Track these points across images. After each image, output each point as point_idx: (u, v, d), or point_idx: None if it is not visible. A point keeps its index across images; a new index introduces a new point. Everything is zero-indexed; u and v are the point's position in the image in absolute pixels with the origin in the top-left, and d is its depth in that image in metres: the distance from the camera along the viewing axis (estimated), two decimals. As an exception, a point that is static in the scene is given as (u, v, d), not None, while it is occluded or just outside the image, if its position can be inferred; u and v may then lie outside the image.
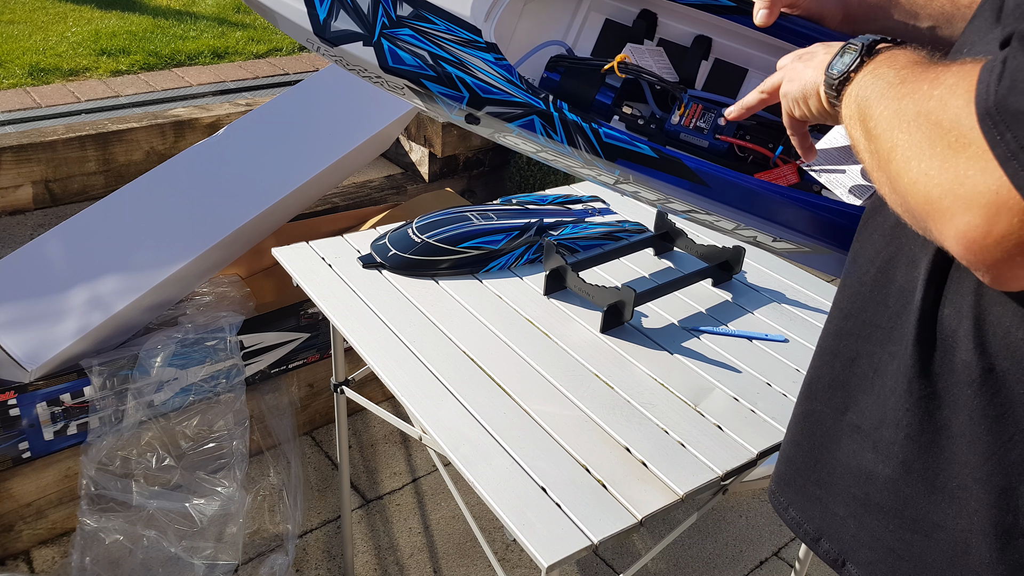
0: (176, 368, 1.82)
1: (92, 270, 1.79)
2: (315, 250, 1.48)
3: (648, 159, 0.98)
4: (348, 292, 1.36)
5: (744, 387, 1.21)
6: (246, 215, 1.93)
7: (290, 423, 2.09)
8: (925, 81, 0.57)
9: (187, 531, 1.76)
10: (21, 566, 1.82)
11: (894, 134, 0.58)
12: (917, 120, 0.55)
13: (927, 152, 0.54)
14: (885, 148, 0.59)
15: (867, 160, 0.64)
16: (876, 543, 0.70)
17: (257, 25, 4.67)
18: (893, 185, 0.58)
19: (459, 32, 1.01)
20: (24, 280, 1.76)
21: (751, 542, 2.05)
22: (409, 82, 0.98)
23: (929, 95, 0.55)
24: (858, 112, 0.65)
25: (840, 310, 0.74)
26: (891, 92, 0.60)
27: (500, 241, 1.47)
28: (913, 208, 0.56)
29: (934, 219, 0.54)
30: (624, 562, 1.95)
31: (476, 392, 1.15)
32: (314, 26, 0.97)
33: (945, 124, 0.53)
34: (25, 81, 3.59)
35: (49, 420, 1.74)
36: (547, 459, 1.04)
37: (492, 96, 0.98)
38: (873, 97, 0.63)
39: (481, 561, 1.93)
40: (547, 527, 0.94)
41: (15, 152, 2.48)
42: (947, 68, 0.56)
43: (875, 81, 0.65)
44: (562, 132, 0.98)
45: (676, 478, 1.02)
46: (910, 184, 0.56)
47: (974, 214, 0.51)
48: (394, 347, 1.23)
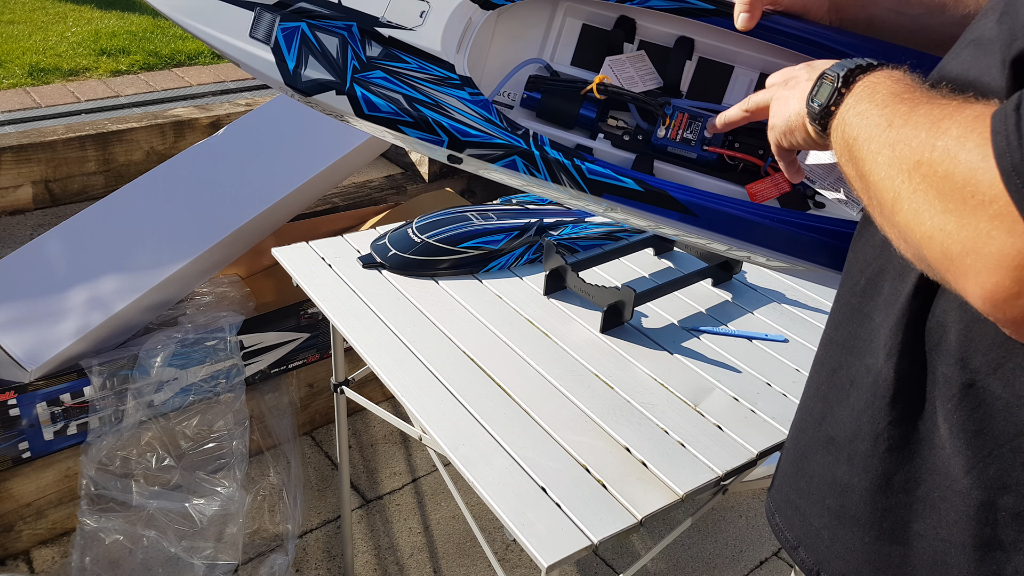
0: (176, 368, 1.82)
1: (92, 270, 1.79)
2: (315, 250, 1.48)
3: (634, 193, 0.97)
4: (348, 292, 1.36)
5: (744, 387, 1.21)
6: (246, 215, 1.93)
7: (290, 423, 2.09)
8: (921, 127, 0.53)
9: (187, 531, 1.76)
10: (21, 566, 1.82)
11: (895, 183, 0.54)
12: (920, 171, 0.52)
13: (939, 207, 0.50)
14: (887, 197, 0.56)
15: (866, 201, 0.61)
16: (851, 555, 0.70)
17: (257, 25, 4.67)
18: (903, 235, 0.55)
19: (431, 69, 0.99)
20: (24, 280, 1.76)
21: (751, 542, 2.05)
22: (387, 128, 0.96)
23: (931, 145, 0.51)
24: (848, 151, 0.62)
25: (832, 319, 0.73)
26: (881, 136, 0.57)
27: (500, 241, 1.47)
28: (930, 261, 0.53)
29: (955, 275, 0.51)
30: (624, 562, 1.95)
31: (476, 392, 1.15)
32: (284, 77, 0.95)
33: (958, 179, 0.49)
34: (25, 81, 3.59)
35: (49, 420, 1.74)
36: (547, 459, 1.04)
37: (472, 139, 0.96)
38: (862, 138, 0.59)
39: (481, 561, 1.93)
40: (547, 527, 0.94)
41: (15, 152, 2.48)
42: (945, 111, 0.53)
43: (860, 120, 0.61)
44: (544, 170, 0.98)
45: (676, 478, 1.02)
46: (924, 238, 0.52)
47: (1003, 275, 0.47)
48: (394, 347, 1.23)
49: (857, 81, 0.66)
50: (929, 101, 0.55)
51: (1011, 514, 0.58)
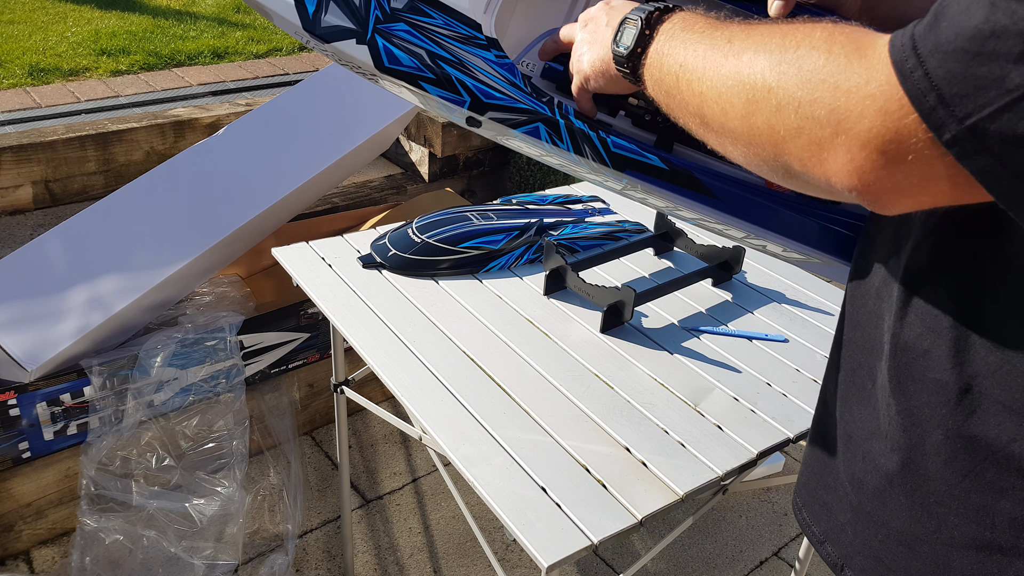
0: (176, 368, 1.82)
1: (92, 270, 1.79)
2: (315, 250, 1.48)
3: (658, 171, 0.95)
4: (348, 292, 1.36)
5: (744, 387, 1.21)
6: (246, 215, 1.93)
7: (290, 423, 2.09)
8: (772, 36, 0.56)
9: (187, 531, 1.76)
10: (21, 566, 1.82)
11: (747, 90, 0.56)
12: (782, 68, 0.54)
13: (806, 99, 0.53)
14: (736, 109, 0.58)
15: (697, 126, 0.63)
16: (868, 551, 0.70)
17: (257, 25, 4.67)
18: (756, 142, 0.57)
19: (457, 27, 0.95)
20: (24, 280, 1.76)
21: (751, 542, 2.05)
22: (407, 83, 0.92)
23: (795, 43, 0.54)
24: (673, 82, 0.64)
25: (850, 320, 0.73)
26: (720, 52, 0.59)
27: (500, 241, 1.47)
28: (794, 155, 0.55)
29: (822, 158, 0.53)
30: (624, 562, 1.95)
31: (476, 392, 1.15)
32: (303, 20, 0.90)
33: (832, 68, 0.51)
34: (25, 81, 3.59)
35: (49, 420, 1.74)
36: (547, 459, 1.04)
37: (495, 101, 0.92)
38: (690, 63, 0.62)
39: (481, 561, 1.93)
40: (547, 527, 0.94)
41: (15, 152, 2.48)
42: (790, 25, 0.56)
43: (684, 47, 0.64)
44: (568, 140, 0.95)
45: (676, 478, 1.02)
46: (790, 133, 0.54)
47: (871, 151, 0.50)
48: (394, 347, 1.23)
49: (663, 21, 0.68)
50: (761, 23, 0.59)
51: (1008, 519, 0.58)
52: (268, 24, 4.67)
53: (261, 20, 4.76)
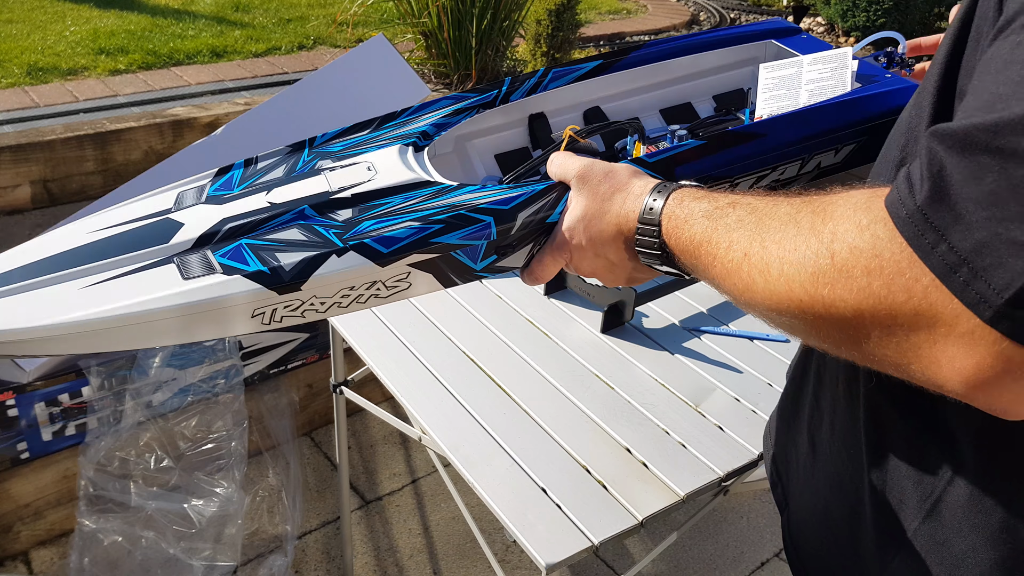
0: (174, 368, 1.82)
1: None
2: (314, 250, 1.47)
3: (701, 149, 0.92)
4: (347, 292, 1.36)
5: (745, 387, 1.20)
6: (245, 215, 1.92)
7: (289, 424, 2.08)
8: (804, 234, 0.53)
9: (186, 532, 1.76)
10: (19, 567, 1.81)
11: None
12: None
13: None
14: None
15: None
16: (812, 492, 0.77)
17: (256, 24, 4.67)
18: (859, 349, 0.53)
19: (419, 193, 0.83)
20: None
21: (752, 543, 2.04)
22: (418, 253, 0.77)
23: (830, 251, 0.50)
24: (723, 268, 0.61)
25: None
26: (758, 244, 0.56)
27: (500, 241, 1.46)
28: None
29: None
30: (625, 563, 1.94)
31: (476, 392, 1.15)
32: (264, 281, 0.73)
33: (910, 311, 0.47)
34: (23, 80, 3.59)
35: (47, 420, 1.73)
36: (547, 459, 1.03)
37: (516, 202, 0.79)
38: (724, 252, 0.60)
39: (481, 562, 1.92)
40: (547, 528, 0.93)
41: (13, 152, 2.47)
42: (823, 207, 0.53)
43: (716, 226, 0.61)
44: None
45: (677, 479, 1.02)
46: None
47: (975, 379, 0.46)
48: (394, 347, 1.23)
49: (674, 193, 0.67)
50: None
51: (889, 446, 0.64)
52: (267, 23, 4.67)
53: (260, 19, 4.75)
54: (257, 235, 0.78)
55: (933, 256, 0.44)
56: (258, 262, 0.74)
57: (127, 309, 0.71)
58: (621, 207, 0.70)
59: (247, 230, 0.79)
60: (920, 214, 0.45)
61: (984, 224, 0.43)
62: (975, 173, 0.43)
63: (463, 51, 3.42)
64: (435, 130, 0.96)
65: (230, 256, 0.75)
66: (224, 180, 0.87)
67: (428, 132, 0.95)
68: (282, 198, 0.83)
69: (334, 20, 4.74)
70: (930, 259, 0.44)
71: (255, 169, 0.89)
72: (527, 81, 1.06)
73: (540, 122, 1.10)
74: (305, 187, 0.85)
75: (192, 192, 0.86)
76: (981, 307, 0.43)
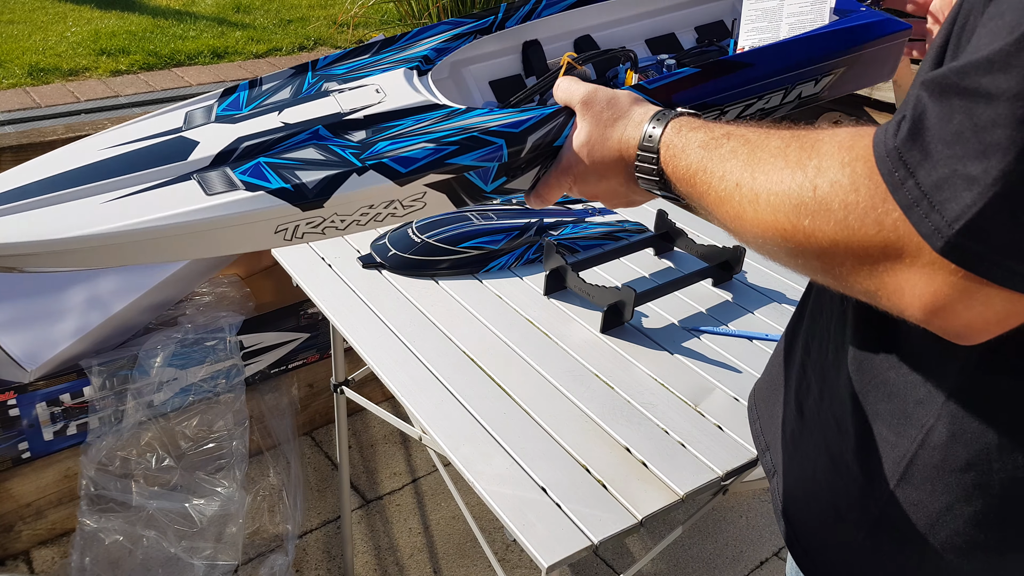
0: (176, 368, 1.82)
1: (91, 271, 1.79)
2: (315, 250, 1.48)
3: (695, 77, 0.93)
4: (348, 292, 1.36)
5: (744, 387, 1.21)
6: (246, 215, 1.92)
7: (290, 423, 2.09)
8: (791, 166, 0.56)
9: (187, 531, 1.76)
10: (21, 566, 1.82)
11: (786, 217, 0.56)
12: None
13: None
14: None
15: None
16: (802, 462, 0.80)
17: (256, 25, 4.67)
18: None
19: (429, 116, 0.87)
20: (24, 280, 1.76)
21: (751, 542, 2.05)
22: (434, 173, 0.81)
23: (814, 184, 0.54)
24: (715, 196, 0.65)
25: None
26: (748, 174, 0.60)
27: (500, 241, 1.47)
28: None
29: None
30: (624, 562, 1.95)
31: (476, 392, 1.15)
32: (287, 197, 0.76)
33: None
34: (25, 81, 3.59)
35: (49, 420, 1.74)
36: (547, 459, 1.04)
37: (526, 125, 0.82)
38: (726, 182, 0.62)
39: (481, 561, 1.93)
40: (547, 527, 0.93)
41: (15, 152, 2.48)
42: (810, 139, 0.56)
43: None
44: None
45: (676, 478, 1.02)
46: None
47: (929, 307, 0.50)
48: (394, 347, 1.23)
49: (675, 119, 0.70)
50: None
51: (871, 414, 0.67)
52: (268, 24, 4.67)
53: (261, 20, 4.76)
54: (274, 153, 0.81)
55: (901, 191, 0.48)
56: (280, 179, 0.77)
57: (155, 222, 0.73)
58: (622, 133, 0.74)
59: (264, 148, 0.81)
60: (896, 152, 0.48)
61: (946, 161, 0.46)
62: (946, 114, 0.46)
63: (463, 52, 3.42)
64: (435, 54, 0.99)
65: (250, 173, 0.78)
66: (231, 100, 0.89)
67: (429, 56, 0.98)
68: (295, 118, 0.85)
69: (335, 21, 4.74)
70: (898, 194, 0.48)
71: (260, 90, 0.91)
72: (522, 8, 1.09)
73: (534, 49, 1.13)
74: (316, 107, 0.87)
75: (200, 111, 0.88)
76: (935, 238, 0.47)
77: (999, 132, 0.44)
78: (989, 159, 0.44)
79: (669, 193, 0.71)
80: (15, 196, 0.74)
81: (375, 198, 0.80)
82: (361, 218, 0.82)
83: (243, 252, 0.87)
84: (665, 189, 0.71)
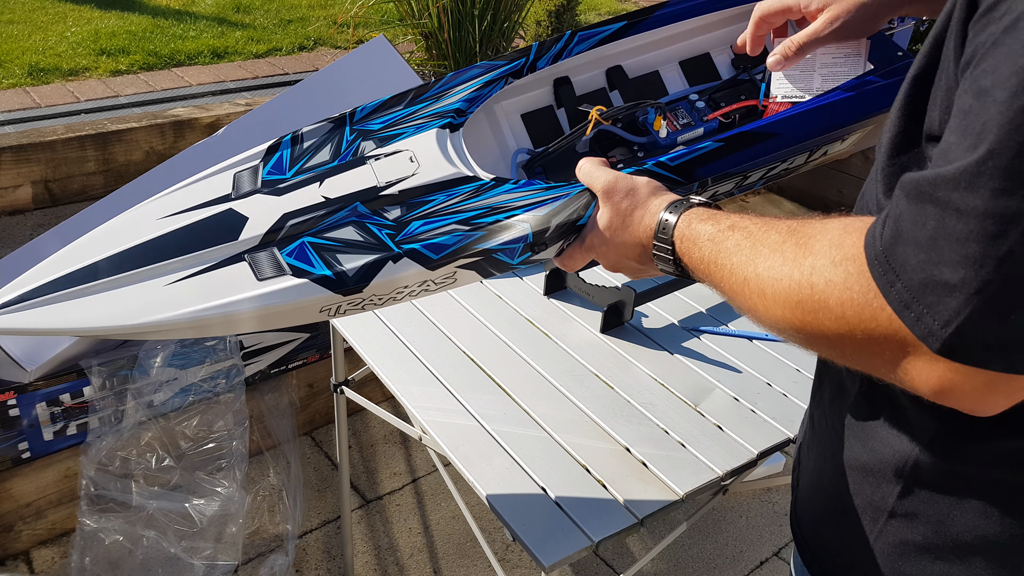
0: (175, 368, 1.82)
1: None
2: (315, 250, 1.48)
3: (718, 151, 0.97)
4: (348, 292, 1.36)
5: (744, 387, 1.21)
6: (246, 215, 1.92)
7: (290, 423, 2.09)
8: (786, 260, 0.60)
9: (187, 531, 1.76)
10: (21, 566, 1.82)
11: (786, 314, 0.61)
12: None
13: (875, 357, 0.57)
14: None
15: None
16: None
17: (257, 25, 4.68)
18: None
19: (459, 191, 0.91)
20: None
21: (751, 542, 2.05)
22: (465, 258, 0.86)
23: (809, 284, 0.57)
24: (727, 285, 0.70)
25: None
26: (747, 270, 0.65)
27: (500, 241, 1.47)
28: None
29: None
30: (624, 562, 1.95)
31: (476, 392, 1.15)
32: (330, 285, 0.82)
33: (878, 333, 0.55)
34: (25, 81, 3.59)
35: (49, 420, 1.74)
36: (547, 459, 1.04)
37: (551, 207, 0.87)
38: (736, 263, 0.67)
39: (481, 561, 1.93)
40: (547, 527, 0.93)
41: (15, 152, 2.48)
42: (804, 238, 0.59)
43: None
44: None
45: (676, 478, 1.02)
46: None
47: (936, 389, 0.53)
48: (394, 347, 1.23)
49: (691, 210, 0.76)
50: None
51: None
52: (268, 24, 4.67)
53: (261, 20, 4.76)
54: (317, 232, 0.87)
55: (892, 293, 0.51)
56: (323, 265, 0.84)
57: (213, 310, 0.81)
58: (640, 223, 0.80)
59: (307, 227, 0.87)
60: (883, 256, 0.52)
61: (924, 266, 0.49)
62: (920, 219, 0.50)
63: (463, 52, 3.42)
64: (467, 105, 1.01)
65: (296, 256, 0.85)
66: (275, 161, 0.94)
67: (462, 109, 1.00)
68: (334, 191, 0.91)
69: (335, 21, 4.74)
70: (889, 296, 0.51)
71: (302, 149, 0.95)
72: (553, 47, 1.10)
73: (565, 84, 1.15)
74: (354, 179, 0.92)
75: (247, 175, 0.93)
76: (930, 340, 0.50)
77: (972, 247, 0.47)
78: (967, 269, 0.47)
79: (687, 276, 0.78)
80: (88, 276, 0.83)
81: (409, 280, 0.86)
82: (397, 295, 0.88)
83: (288, 326, 0.91)
84: (683, 274, 0.78)
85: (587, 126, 1.06)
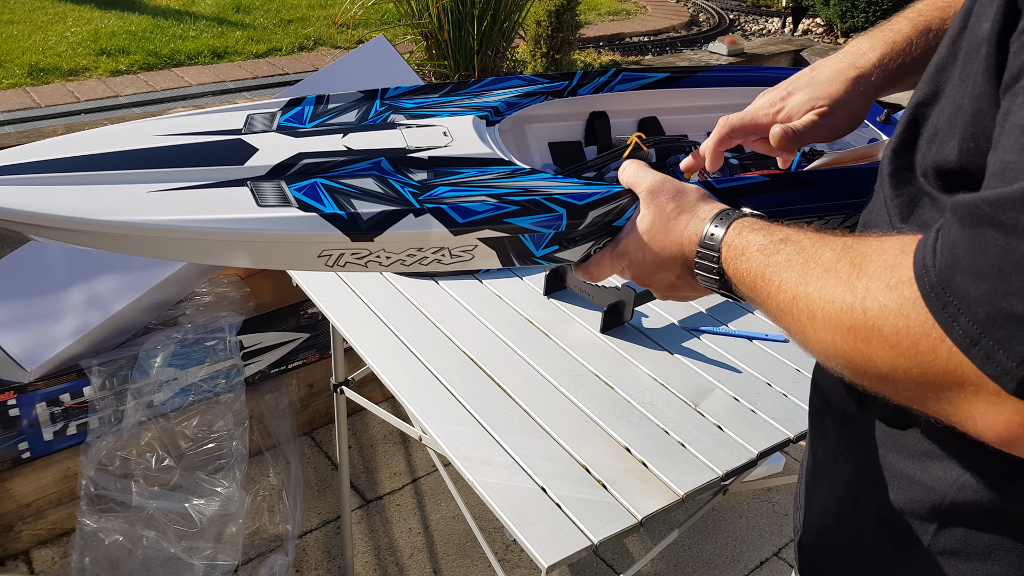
0: (176, 368, 1.82)
1: (91, 270, 1.79)
2: (315, 250, 1.48)
3: (764, 185, 0.94)
4: (348, 292, 1.36)
5: (744, 387, 1.21)
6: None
7: (290, 423, 2.09)
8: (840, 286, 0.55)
9: (187, 531, 1.76)
10: (21, 566, 1.82)
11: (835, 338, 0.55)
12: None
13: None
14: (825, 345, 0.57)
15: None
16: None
17: (256, 25, 4.68)
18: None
19: (493, 169, 0.85)
20: (24, 280, 1.76)
21: (751, 542, 2.05)
22: (490, 229, 0.79)
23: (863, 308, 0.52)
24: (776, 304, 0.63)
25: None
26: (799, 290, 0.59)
27: (500, 241, 1.47)
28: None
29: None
30: (624, 562, 1.95)
31: (476, 392, 1.15)
32: (340, 224, 0.73)
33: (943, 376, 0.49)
34: (25, 81, 3.60)
35: (48, 420, 1.74)
36: (547, 459, 1.04)
37: (590, 199, 0.81)
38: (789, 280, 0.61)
39: (481, 561, 1.93)
40: (547, 527, 0.93)
41: (14, 152, 2.47)
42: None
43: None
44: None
45: (676, 478, 1.02)
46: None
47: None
48: (394, 347, 1.23)
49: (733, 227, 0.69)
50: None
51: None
52: (268, 24, 4.68)
53: (261, 20, 4.76)
54: (333, 176, 0.78)
55: (954, 329, 0.46)
56: (334, 204, 0.75)
57: (199, 224, 0.70)
58: (685, 228, 0.73)
59: (322, 169, 0.79)
60: (939, 287, 0.47)
61: (990, 297, 0.44)
62: (980, 246, 0.45)
63: (463, 52, 3.42)
64: (505, 107, 0.99)
65: (306, 192, 0.75)
66: (295, 112, 0.87)
67: (499, 108, 0.98)
68: (358, 144, 0.83)
69: (334, 21, 4.74)
70: (952, 332, 0.46)
71: (326, 108, 0.89)
72: (597, 78, 1.09)
73: (601, 121, 1.13)
74: (381, 138, 0.85)
75: (263, 117, 0.85)
76: (1004, 379, 0.45)
77: None
78: None
79: (728, 292, 0.70)
80: (60, 166, 0.71)
81: (426, 242, 0.78)
82: (407, 259, 0.80)
83: (278, 268, 0.85)
84: (725, 288, 0.70)
85: (624, 149, 1.05)
